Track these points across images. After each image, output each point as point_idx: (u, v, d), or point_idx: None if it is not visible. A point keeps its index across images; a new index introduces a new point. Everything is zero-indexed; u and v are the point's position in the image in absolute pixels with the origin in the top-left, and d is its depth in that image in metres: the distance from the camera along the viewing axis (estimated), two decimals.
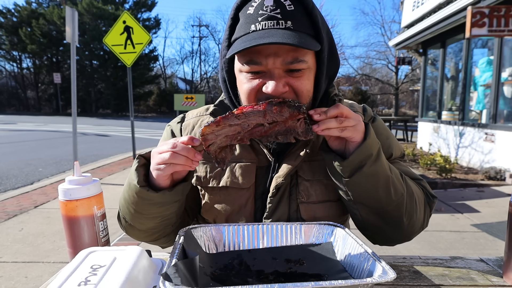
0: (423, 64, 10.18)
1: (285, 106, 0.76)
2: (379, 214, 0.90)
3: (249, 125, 0.77)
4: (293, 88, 0.84)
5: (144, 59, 33.05)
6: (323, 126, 0.77)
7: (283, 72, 0.83)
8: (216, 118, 0.75)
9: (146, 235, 0.97)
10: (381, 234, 0.96)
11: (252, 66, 0.83)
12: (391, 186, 0.86)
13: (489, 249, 3.30)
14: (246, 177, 0.96)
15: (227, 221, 0.99)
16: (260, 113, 0.76)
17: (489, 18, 5.64)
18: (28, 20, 31.37)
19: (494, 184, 5.72)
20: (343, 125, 0.78)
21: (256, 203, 0.97)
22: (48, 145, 10.89)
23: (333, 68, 0.94)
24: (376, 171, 0.84)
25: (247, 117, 0.76)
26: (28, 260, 2.96)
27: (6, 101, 36.38)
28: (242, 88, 0.88)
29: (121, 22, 6.89)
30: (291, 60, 0.81)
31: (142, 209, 0.87)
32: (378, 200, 0.87)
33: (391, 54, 27.17)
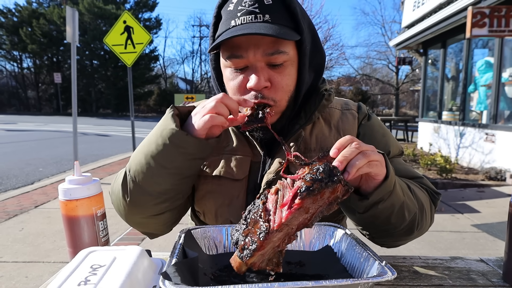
0: (423, 64, 10.18)
1: (325, 189, 0.62)
2: (390, 233, 0.88)
3: (293, 227, 0.65)
4: (274, 83, 0.86)
5: (144, 59, 33.11)
6: (354, 169, 0.67)
7: (265, 66, 0.85)
8: (257, 244, 0.61)
9: (153, 204, 0.88)
10: (387, 242, 0.95)
11: (234, 60, 0.86)
12: (405, 210, 0.84)
13: (489, 249, 3.30)
14: (240, 169, 0.96)
15: (216, 215, 0.98)
16: (301, 213, 0.63)
17: (489, 18, 5.64)
18: (28, 20, 31.43)
19: (495, 184, 5.72)
20: (371, 159, 0.70)
21: (247, 197, 0.96)
22: (48, 145, 10.89)
23: (318, 61, 0.95)
24: (392, 203, 0.80)
25: (289, 224, 0.63)
26: (28, 260, 2.97)
27: (7, 101, 36.44)
28: (228, 84, 0.91)
29: (122, 22, 6.89)
30: (272, 51, 0.83)
31: (168, 161, 0.81)
32: (391, 224, 0.85)
33: (391, 54, 27.19)
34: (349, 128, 1.02)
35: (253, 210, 0.66)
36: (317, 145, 0.98)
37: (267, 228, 0.62)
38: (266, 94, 0.86)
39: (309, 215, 0.64)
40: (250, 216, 0.65)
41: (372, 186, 0.76)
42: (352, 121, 1.03)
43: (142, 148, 0.86)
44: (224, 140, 1.01)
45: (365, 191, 0.78)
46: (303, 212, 0.63)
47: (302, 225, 0.66)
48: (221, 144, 1.00)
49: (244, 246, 0.62)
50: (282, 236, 0.64)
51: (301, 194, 0.61)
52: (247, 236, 0.63)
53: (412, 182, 0.96)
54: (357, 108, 1.06)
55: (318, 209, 0.65)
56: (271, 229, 0.62)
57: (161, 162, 0.82)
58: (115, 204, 0.94)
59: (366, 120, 1.04)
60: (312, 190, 0.61)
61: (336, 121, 1.02)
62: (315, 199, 0.61)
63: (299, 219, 0.64)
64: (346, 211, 0.87)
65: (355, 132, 1.02)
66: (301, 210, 0.62)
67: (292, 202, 0.62)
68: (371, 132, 1.02)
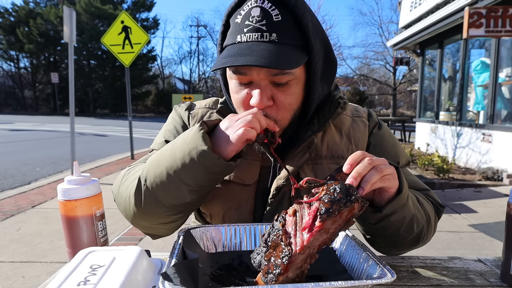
0: (420, 65, 10.21)
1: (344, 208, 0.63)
2: (397, 243, 0.90)
3: (315, 248, 0.66)
4: (277, 102, 0.84)
5: (142, 59, 33.04)
6: (368, 185, 0.68)
7: (269, 84, 0.83)
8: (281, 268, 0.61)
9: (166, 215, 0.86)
10: (391, 251, 0.96)
11: (239, 76, 0.84)
12: (414, 222, 0.85)
13: (486, 250, 3.31)
14: (250, 174, 0.95)
15: (224, 218, 0.98)
16: (322, 234, 0.63)
17: (486, 19, 5.66)
18: (25, 19, 31.28)
19: (492, 184, 5.74)
20: (384, 173, 0.70)
21: (256, 202, 0.95)
22: (45, 145, 10.85)
23: (330, 73, 0.93)
24: (403, 216, 0.81)
25: (311, 246, 0.64)
26: (25, 260, 2.95)
27: (4, 100, 36.28)
28: (233, 97, 0.90)
29: (119, 22, 6.88)
30: (276, 73, 0.81)
31: (192, 179, 0.79)
32: (399, 236, 0.86)
33: (389, 54, 27.25)
34: (360, 136, 1.01)
35: (272, 233, 0.66)
36: (328, 152, 0.97)
37: (290, 252, 0.62)
38: (269, 113, 0.85)
39: (329, 235, 0.65)
40: (270, 239, 0.65)
41: (386, 199, 0.76)
42: (363, 129, 1.02)
43: (164, 161, 0.82)
44: None
45: (379, 204, 0.78)
46: (324, 233, 0.63)
47: (323, 244, 0.67)
48: None
49: (268, 270, 0.62)
50: (304, 258, 0.65)
51: (322, 216, 0.61)
52: (270, 259, 0.63)
53: (420, 194, 0.97)
54: (367, 116, 1.05)
55: (337, 227, 0.66)
56: (293, 252, 0.62)
57: (184, 179, 0.80)
58: (121, 207, 0.92)
59: (377, 129, 1.03)
60: (331, 212, 0.61)
61: (347, 129, 1.02)
62: (335, 220, 0.62)
63: (320, 240, 0.64)
64: (356, 221, 0.88)
65: (365, 141, 1.02)
66: (321, 232, 0.62)
67: (312, 224, 0.62)
68: (381, 142, 1.02)
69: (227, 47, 0.85)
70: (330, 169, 0.95)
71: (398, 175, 0.75)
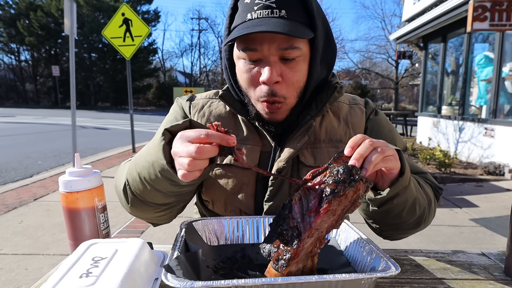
0: (423, 59, 10.15)
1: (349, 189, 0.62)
2: (399, 227, 0.90)
3: (323, 231, 0.66)
4: (286, 79, 0.87)
5: (143, 52, 32.93)
6: (371, 165, 0.68)
7: (278, 60, 0.86)
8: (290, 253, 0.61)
9: (153, 211, 0.90)
10: (393, 235, 0.96)
11: (249, 53, 0.86)
12: (417, 205, 0.86)
13: (487, 244, 3.31)
14: (250, 157, 0.97)
15: (225, 203, 0.99)
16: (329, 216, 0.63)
17: (490, 12, 5.61)
18: (26, 12, 31.12)
19: (493, 179, 5.73)
20: (386, 154, 0.70)
21: (257, 186, 0.97)
22: (47, 138, 10.86)
23: (329, 56, 0.96)
24: (406, 198, 0.81)
25: (319, 229, 0.64)
26: (28, 252, 2.97)
27: (5, 94, 36.26)
28: (242, 77, 0.91)
29: (120, 15, 6.84)
30: (286, 46, 0.84)
31: (162, 188, 0.80)
32: (402, 219, 0.86)
33: (391, 48, 27.09)
34: (357, 122, 1.03)
35: (280, 221, 0.66)
36: (327, 137, 0.99)
37: (299, 236, 0.62)
38: (277, 90, 0.87)
39: (336, 217, 0.65)
40: (278, 227, 0.65)
41: (388, 181, 0.77)
42: (360, 115, 1.04)
43: (138, 167, 0.82)
44: (233, 129, 1.01)
45: (382, 187, 0.78)
46: (331, 215, 0.63)
47: (331, 227, 0.66)
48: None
49: (278, 257, 0.62)
50: (313, 241, 0.65)
51: (327, 198, 0.61)
52: (279, 246, 0.63)
53: (418, 177, 0.97)
54: (364, 103, 1.07)
55: (344, 209, 0.65)
56: (302, 236, 0.62)
57: (155, 187, 0.80)
58: (119, 199, 0.95)
59: (374, 115, 1.05)
60: (337, 193, 0.61)
61: (345, 115, 1.03)
62: (340, 200, 0.62)
63: (327, 222, 0.64)
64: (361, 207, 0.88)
65: (363, 126, 1.03)
66: (328, 213, 0.62)
67: (319, 207, 0.62)
68: (378, 127, 1.04)
69: (237, 26, 0.86)
70: (329, 153, 0.96)
71: (400, 157, 0.76)
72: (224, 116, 1.02)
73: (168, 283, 0.54)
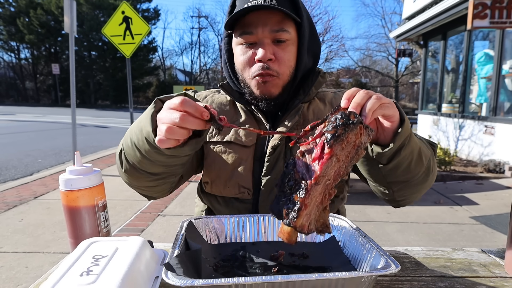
0: (423, 56, 10.13)
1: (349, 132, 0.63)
2: (410, 182, 0.91)
3: (330, 178, 0.65)
4: (278, 57, 0.98)
5: (143, 50, 32.87)
6: (369, 112, 0.69)
7: (271, 42, 0.98)
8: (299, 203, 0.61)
9: (145, 180, 0.93)
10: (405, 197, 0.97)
11: (245, 37, 0.98)
12: (422, 154, 0.89)
13: (487, 241, 3.32)
14: (249, 137, 1.05)
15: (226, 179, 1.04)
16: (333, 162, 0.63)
17: (491, 10, 5.60)
18: (26, 10, 31.05)
19: (493, 176, 5.73)
20: (383, 101, 0.72)
21: (254, 164, 1.04)
22: (47, 136, 10.87)
23: (315, 48, 1.08)
24: (412, 149, 0.83)
25: (325, 175, 0.63)
26: (28, 250, 2.97)
27: (5, 92, 36.23)
28: (239, 60, 1.02)
29: (120, 13, 6.81)
30: (277, 29, 0.96)
31: (150, 156, 0.83)
32: (411, 173, 0.88)
33: (391, 46, 27.07)
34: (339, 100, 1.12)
35: (285, 178, 0.65)
36: (314, 117, 1.07)
37: (305, 185, 0.62)
38: (271, 66, 0.97)
39: (342, 163, 0.65)
40: (285, 183, 0.65)
41: (390, 134, 0.80)
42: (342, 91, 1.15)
43: (131, 132, 0.88)
44: (233, 115, 1.09)
45: (385, 141, 0.81)
46: (335, 161, 0.63)
47: (338, 176, 0.66)
48: (231, 119, 1.09)
49: (288, 211, 0.62)
50: (322, 190, 0.64)
51: (329, 143, 0.62)
52: (288, 201, 0.63)
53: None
54: None
55: (348, 156, 0.66)
56: (309, 184, 0.62)
57: (145, 155, 0.84)
58: (116, 165, 1.00)
59: None
60: (338, 136, 0.62)
61: (330, 99, 1.14)
62: (343, 145, 0.63)
63: (333, 169, 0.64)
64: (369, 169, 0.91)
65: None
66: (332, 159, 0.63)
67: (322, 153, 0.63)
68: None
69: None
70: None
71: (397, 106, 0.79)
72: (225, 105, 1.12)
73: (168, 281, 0.54)
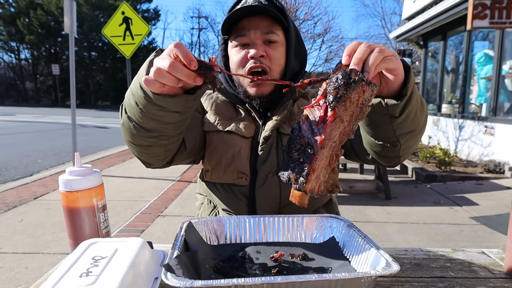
0: (423, 57, 10.13)
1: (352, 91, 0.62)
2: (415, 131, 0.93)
3: (336, 140, 0.65)
4: (269, 55, 1.08)
5: (143, 50, 32.86)
6: (372, 67, 0.67)
7: (262, 43, 1.09)
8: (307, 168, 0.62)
9: (141, 136, 0.91)
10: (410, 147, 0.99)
11: (239, 39, 1.09)
12: (423, 100, 0.91)
13: (487, 242, 3.32)
14: (248, 129, 1.14)
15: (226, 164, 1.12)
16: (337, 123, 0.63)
17: (490, 10, 5.60)
18: (26, 10, 31.10)
19: (493, 177, 5.73)
20: (386, 54, 0.70)
21: (251, 154, 1.13)
22: (47, 136, 10.86)
23: (301, 53, 1.21)
24: (416, 96, 0.84)
25: (330, 138, 0.63)
26: (28, 251, 2.97)
27: (5, 92, 36.26)
28: (233, 60, 1.12)
29: (120, 13, 6.82)
30: (267, 31, 1.08)
31: (141, 104, 0.82)
32: (417, 120, 0.90)
33: (391, 46, 27.02)
34: None
35: (291, 143, 0.65)
36: (299, 111, 1.16)
37: (311, 149, 0.62)
38: (263, 61, 1.07)
39: (346, 124, 0.64)
40: (292, 148, 0.65)
41: (395, 86, 0.79)
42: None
43: (133, 81, 0.87)
44: (233, 113, 1.20)
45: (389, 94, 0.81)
46: (339, 121, 0.62)
47: (343, 136, 0.66)
48: (232, 115, 1.19)
49: (297, 176, 0.62)
50: (328, 153, 0.64)
51: (331, 104, 0.61)
52: (296, 166, 0.63)
53: None
54: None
55: (352, 115, 0.65)
56: (315, 149, 0.62)
57: (138, 104, 0.84)
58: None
59: None
60: (340, 97, 0.61)
61: (312, 94, 1.23)
62: (346, 105, 0.62)
63: (338, 130, 0.63)
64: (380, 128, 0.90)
65: None
66: (336, 121, 0.62)
67: (325, 116, 0.62)
68: None
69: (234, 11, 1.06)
70: None
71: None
72: (227, 103, 1.22)
73: (168, 282, 0.54)
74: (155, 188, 4.95)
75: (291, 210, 1.10)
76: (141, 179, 5.47)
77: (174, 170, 5.93)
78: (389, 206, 4.36)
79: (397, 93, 0.81)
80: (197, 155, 1.19)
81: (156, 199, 4.43)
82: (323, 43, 9.35)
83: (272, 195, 1.09)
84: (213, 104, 1.20)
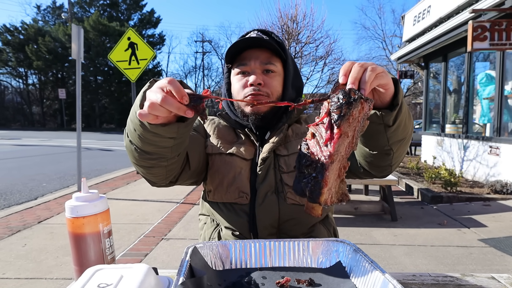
0: (425, 78, 10.21)
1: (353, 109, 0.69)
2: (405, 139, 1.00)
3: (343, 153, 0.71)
4: (266, 83, 1.17)
5: (148, 74, 33.43)
6: (367, 85, 0.75)
7: (261, 72, 1.18)
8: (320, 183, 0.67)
9: (143, 158, 0.96)
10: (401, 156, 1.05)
11: (241, 67, 1.19)
12: (409, 110, 0.96)
13: (497, 265, 3.24)
14: (248, 152, 1.21)
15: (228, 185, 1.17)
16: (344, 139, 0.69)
17: (490, 32, 5.67)
18: (34, 37, 31.96)
19: (501, 198, 5.65)
20: (377, 71, 0.78)
21: (251, 175, 1.18)
22: (52, 160, 10.93)
23: (298, 82, 1.30)
24: (405, 106, 0.92)
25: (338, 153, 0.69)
26: (31, 276, 2.94)
27: (12, 116, 36.78)
28: (235, 87, 1.21)
29: (126, 39, 6.99)
30: (266, 62, 1.18)
31: (140, 132, 0.88)
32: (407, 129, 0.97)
33: (392, 67, 27.31)
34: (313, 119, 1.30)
35: (302, 159, 0.71)
36: (293, 134, 1.24)
37: (323, 165, 0.68)
38: (261, 88, 1.16)
39: (351, 138, 0.72)
40: (302, 164, 0.71)
41: (387, 98, 0.87)
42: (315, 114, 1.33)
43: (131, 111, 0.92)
44: (234, 137, 1.27)
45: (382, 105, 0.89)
46: (345, 137, 0.70)
47: (349, 149, 0.73)
48: (232, 140, 1.26)
49: (311, 190, 0.68)
50: (337, 166, 0.71)
51: (336, 123, 0.68)
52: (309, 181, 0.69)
53: None
54: None
55: (355, 129, 0.72)
56: (326, 165, 0.68)
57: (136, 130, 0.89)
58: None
59: None
60: (343, 115, 0.68)
61: (305, 118, 1.33)
62: (349, 122, 0.69)
63: (344, 145, 0.70)
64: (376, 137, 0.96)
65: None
66: (343, 136, 0.69)
67: (332, 134, 0.69)
68: None
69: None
70: (297, 143, 1.20)
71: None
72: (228, 127, 1.30)
73: None
74: (159, 210, 4.93)
75: (290, 226, 1.16)
76: (145, 202, 5.45)
77: (178, 192, 5.92)
78: (395, 228, 4.30)
79: (389, 104, 0.89)
80: (199, 176, 1.23)
81: (159, 221, 4.40)
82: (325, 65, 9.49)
83: (271, 212, 1.14)
84: (216, 129, 1.27)
